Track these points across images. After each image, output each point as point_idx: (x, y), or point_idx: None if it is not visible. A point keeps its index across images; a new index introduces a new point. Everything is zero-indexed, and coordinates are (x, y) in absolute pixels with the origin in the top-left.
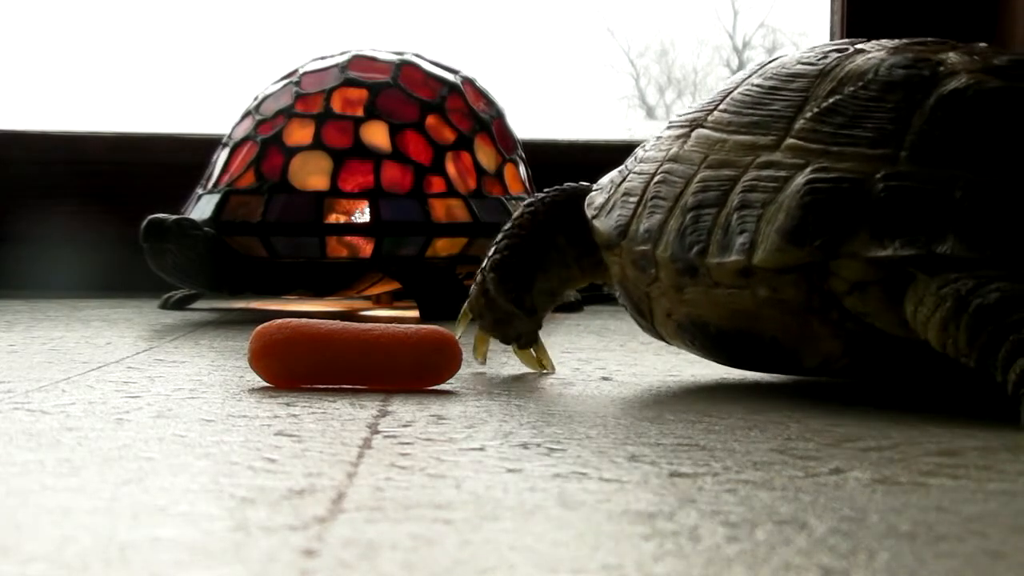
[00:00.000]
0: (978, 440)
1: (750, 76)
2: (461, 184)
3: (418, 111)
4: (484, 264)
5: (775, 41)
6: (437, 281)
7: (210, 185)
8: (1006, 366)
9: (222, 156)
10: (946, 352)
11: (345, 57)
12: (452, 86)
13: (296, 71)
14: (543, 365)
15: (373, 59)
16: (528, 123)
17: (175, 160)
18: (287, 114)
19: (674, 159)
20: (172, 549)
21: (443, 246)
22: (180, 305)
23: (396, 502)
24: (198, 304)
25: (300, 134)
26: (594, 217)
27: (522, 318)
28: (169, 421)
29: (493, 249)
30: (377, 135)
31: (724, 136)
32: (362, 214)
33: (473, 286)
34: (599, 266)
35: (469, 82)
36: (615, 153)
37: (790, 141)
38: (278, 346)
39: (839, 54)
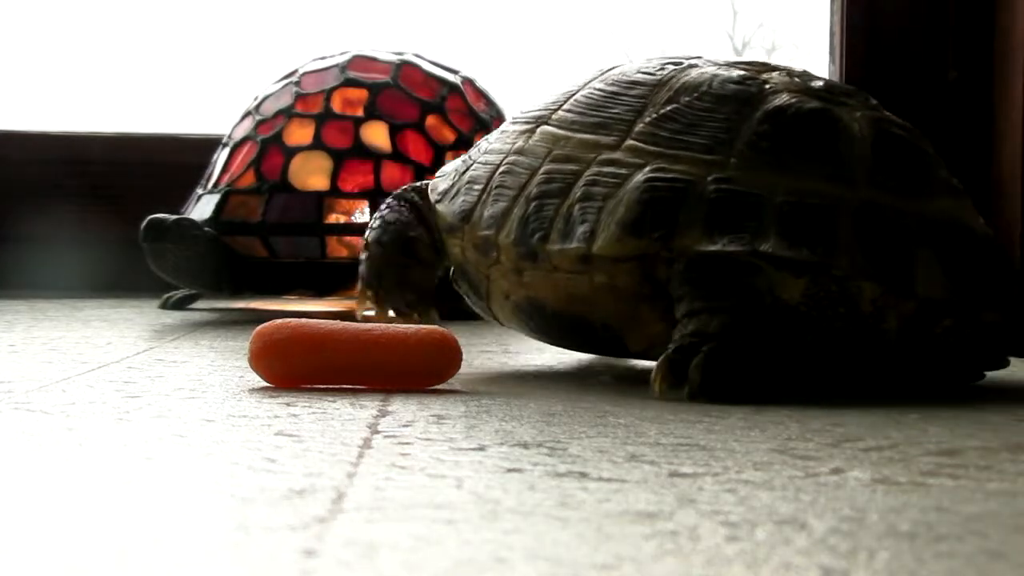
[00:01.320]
0: (978, 440)
1: (592, 80)
2: None
3: (418, 111)
4: (368, 243)
5: (775, 42)
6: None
7: (210, 185)
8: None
9: (222, 156)
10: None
11: (345, 57)
12: (452, 86)
13: (296, 71)
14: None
15: (373, 59)
16: None
17: (175, 160)
18: (287, 114)
19: (519, 152)
20: (172, 549)
21: None
22: (180, 305)
23: (396, 502)
24: (198, 304)
25: (300, 134)
26: (438, 202)
27: (416, 269)
28: (169, 421)
29: (372, 237)
30: (377, 135)
31: (568, 134)
32: (362, 214)
33: (362, 266)
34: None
35: (469, 82)
36: None
37: (630, 142)
38: (278, 346)
39: (675, 67)
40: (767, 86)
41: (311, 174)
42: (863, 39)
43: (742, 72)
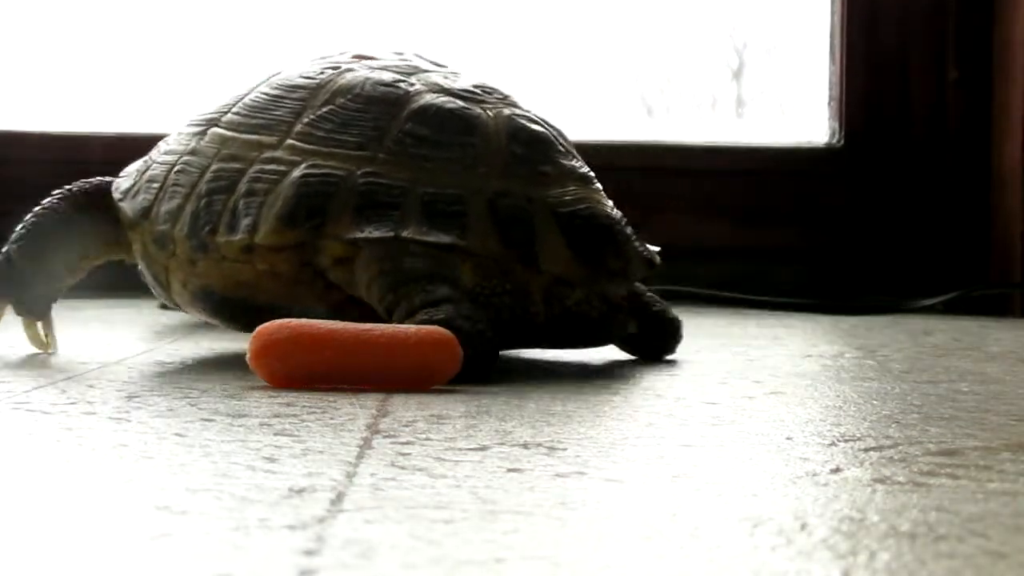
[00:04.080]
0: (978, 440)
1: (259, 85)
2: None
3: None
4: (10, 240)
5: (775, 42)
6: None
7: None
8: (400, 321)
9: None
10: (373, 306)
11: (345, 57)
12: None
13: None
14: (47, 342)
15: (373, 59)
16: None
17: None
18: None
19: (192, 152)
20: (172, 549)
21: None
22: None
23: (396, 502)
24: None
25: None
26: (121, 200)
27: (43, 282)
28: (169, 421)
29: (20, 227)
30: None
31: (235, 135)
32: None
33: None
34: (119, 245)
35: None
36: (614, 153)
37: (290, 142)
38: (278, 346)
39: (333, 71)
40: (412, 88)
41: None
42: (863, 39)
43: (392, 75)
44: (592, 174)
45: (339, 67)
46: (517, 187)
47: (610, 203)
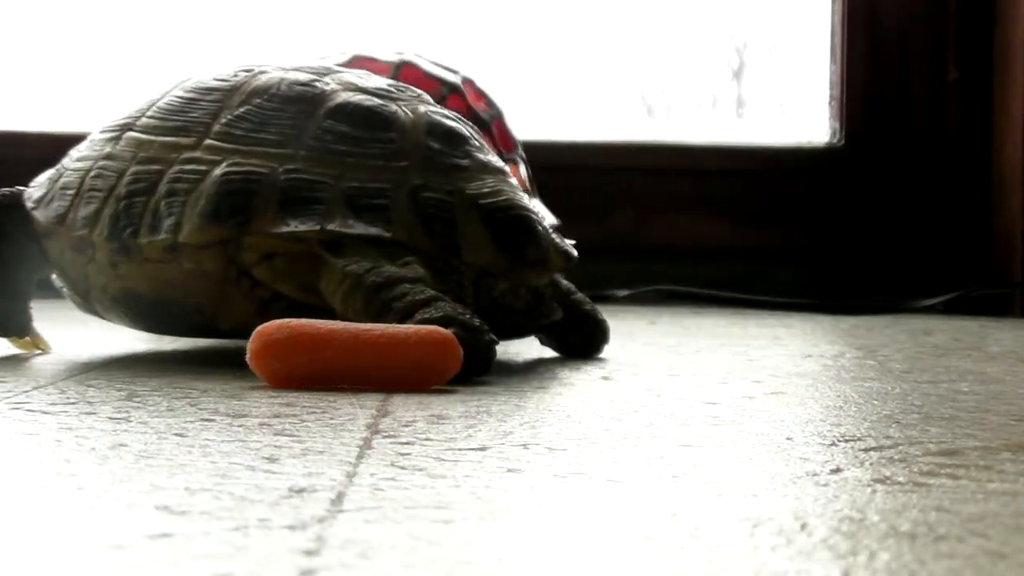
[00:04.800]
0: (978, 440)
1: (173, 89)
2: None
3: None
4: None
5: (775, 42)
6: None
7: None
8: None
9: None
10: (348, 317)
11: (345, 57)
12: (452, 86)
13: None
14: (40, 347)
15: (373, 59)
16: (529, 123)
17: None
18: None
19: (108, 157)
20: (172, 549)
21: None
22: None
23: (396, 502)
24: None
25: None
26: (34, 209)
27: (19, 309)
28: (169, 421)
29: None
30: None
31: (152, 138)
32: None
33: None
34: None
35: (469, 82)
36: (614, 153)
37: (208, 142)
38: (278, 346)
39: (247, 73)
40: (328, 87)
41: None
42: (864, 39)
43: (307, 75)
44: (507, 168)
45: (252, 69)
46: (437, 180)
47: (525, 196)
